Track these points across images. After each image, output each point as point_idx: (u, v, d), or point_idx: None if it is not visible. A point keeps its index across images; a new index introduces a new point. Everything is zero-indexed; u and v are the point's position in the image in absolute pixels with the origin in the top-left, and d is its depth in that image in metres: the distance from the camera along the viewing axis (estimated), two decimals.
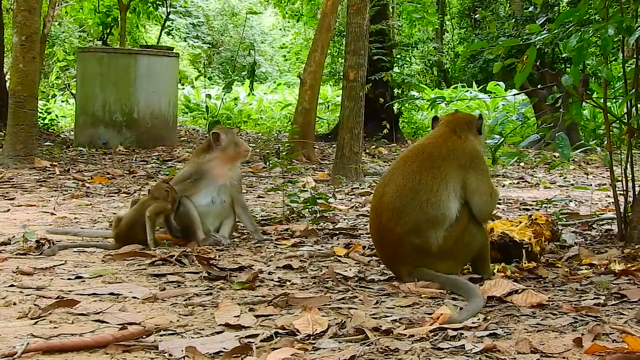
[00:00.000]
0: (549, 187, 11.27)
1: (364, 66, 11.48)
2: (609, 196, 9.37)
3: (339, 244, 6.32)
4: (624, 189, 6.16)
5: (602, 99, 6.26)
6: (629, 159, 6.12)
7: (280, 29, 43.61)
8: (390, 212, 4.74)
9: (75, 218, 7.70)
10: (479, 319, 3.82)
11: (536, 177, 12.65)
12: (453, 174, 4.74)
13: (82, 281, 4.81)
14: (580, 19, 5.84)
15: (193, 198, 6.42)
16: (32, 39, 12.34)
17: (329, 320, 3.75)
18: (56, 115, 21.91)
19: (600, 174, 13.28)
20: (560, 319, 3.86)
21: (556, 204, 8.43)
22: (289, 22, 36.22)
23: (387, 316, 3.92)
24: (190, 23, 41.29)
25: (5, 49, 20.35)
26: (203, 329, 3.68)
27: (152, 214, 6.10)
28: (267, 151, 15.04)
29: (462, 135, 4.92)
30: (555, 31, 5.81)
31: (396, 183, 4.78)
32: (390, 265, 4.93)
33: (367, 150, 17.15)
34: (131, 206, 6.48)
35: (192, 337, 3.52)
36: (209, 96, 20.75)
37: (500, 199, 9.03)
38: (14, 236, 6.27)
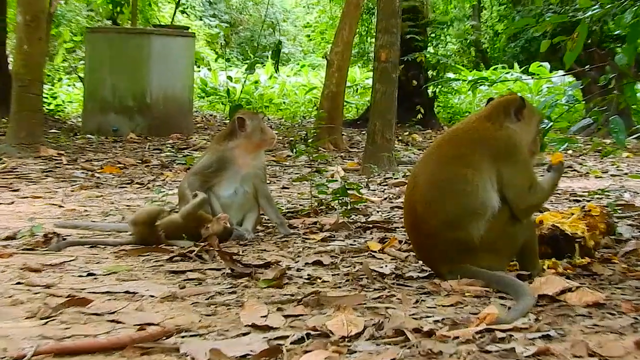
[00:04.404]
0: (601, 177, 11.20)
1: (397, 45, 11.44)
2: None
3: (372, 238, 6.29)
4: None
5: None
6: None
7: (303, 7, 43.58)
8: (425, 204, 4.70)
9: (85, 211, 7.71)
10: (529, 320, 3.78)
11: (586, 165, 12.56)
12: (486, 164, 4.66)
13: (95, 278, 4.81)
14: None
15: (215, 189, 6.41)
16: (37, 19, 12.36)
17: (365, 321, 3.72)
18: (62, 101, 22.01)
19: None
20: (619, 320, 3.82)
21: (609, 195, 8.36)
22: None
23: (428, 316, 3.89)
24: (206, 0, 41.32)
25: (9, 29, 20.43)
26: (228, 330, 3.66)
27: (198, 205, 6.08)
28: (292, 138, 15.04)
29: (496, 122, 4.82)
30: (608, 6, 5.74)
31: (428, 172, 4.76)
32: (428, 262, 4.90)
33: (400, 138, 17.11)
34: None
35: (216, 339, 3.51)
36: (229, 78, 20.75)
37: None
38: (19, 230, 6.28)
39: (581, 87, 11.20)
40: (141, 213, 6.16)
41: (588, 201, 8.00)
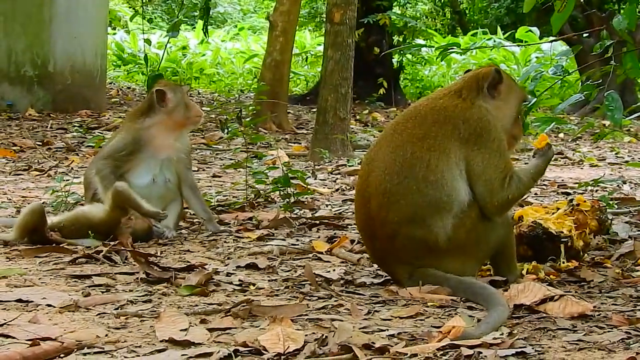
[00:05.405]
0: (597, 165, 11.30)
1: (354, 4, 11.44)
2: None
3: (319, 237, 6.34)
4: None
5: None
6: None
7: None
8: (381, 196, 4.74)
9: None
10: (502, 334, 3.84)
11: (579, 151, 12.67)
12: (454, 148, 4.72)
13: None
14: None
15: (128, 176, 6.41)
16: None
17: (306, 335, 3.76)
18: None
19: None
20: (608, 334, 3.89)
21: (605, 187, 8.44)
22: None
23: (381, 330, 3.94)
24: None
25: None
26: (140, 346, 3.68)
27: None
28: (226, 116, 15.01)
29: (467, 99, 4.87)
30: None
31: (385, 158, 4.79)
32: (384, 265, 4.94)
33: (358, 117, 17.15)
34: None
35: (126, 357, 3.53)
36: (148, 42, 20.56)
37: None
38: None
39: (572, 55, 11.31)
40: (22, 219, 6.05)
41: (580, 194, 8.09)
